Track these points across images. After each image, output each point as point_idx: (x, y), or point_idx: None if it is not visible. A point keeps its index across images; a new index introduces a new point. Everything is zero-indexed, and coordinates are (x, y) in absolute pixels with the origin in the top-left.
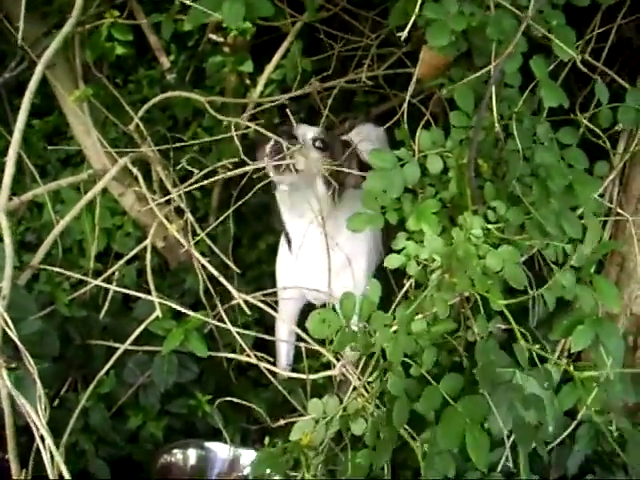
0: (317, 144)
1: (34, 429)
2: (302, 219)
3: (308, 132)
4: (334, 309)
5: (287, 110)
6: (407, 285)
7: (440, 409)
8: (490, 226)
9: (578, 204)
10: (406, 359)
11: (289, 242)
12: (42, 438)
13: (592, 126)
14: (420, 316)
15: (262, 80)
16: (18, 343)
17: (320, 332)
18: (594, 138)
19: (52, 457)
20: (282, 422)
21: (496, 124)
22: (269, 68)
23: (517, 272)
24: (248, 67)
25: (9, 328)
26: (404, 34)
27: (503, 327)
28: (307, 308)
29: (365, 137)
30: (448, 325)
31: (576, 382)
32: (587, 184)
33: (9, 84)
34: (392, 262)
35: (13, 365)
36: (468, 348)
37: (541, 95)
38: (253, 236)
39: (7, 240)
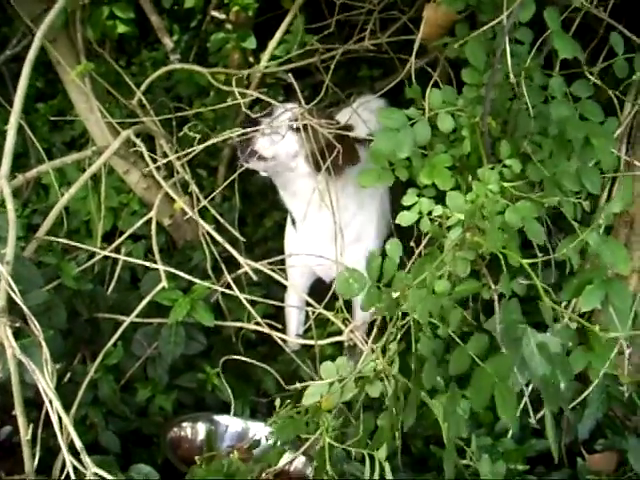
0: (294, 126)
1: (43, 394)
2: (297, 199)
3: (286, 114)
4: None
5: (292, 87)
6: (423, 244)
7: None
8: (506, 184)
9: (595, 159)
10: (432, 320)
11: (293, 220)
12: (51, 403)
13: (599, 82)
14: (439, 274)
15: (265, 56)
16: (24, 308)
17: (347, 291)
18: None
19: (61, 423)
20: (298, 386)
21: (511, 76)
22: (272, 44)
23: (537, 227)
24: (251, 43)
25: (14, 292)
26: None
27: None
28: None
29: (366, 107)
30: (472, 285)
31: (590, 343)
32: (604, 137)
33: (13, 68)
34: (405, 219)
35: (17, 324)
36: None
37: (555, 47)
38: (259, 214)
39: (10, 206)
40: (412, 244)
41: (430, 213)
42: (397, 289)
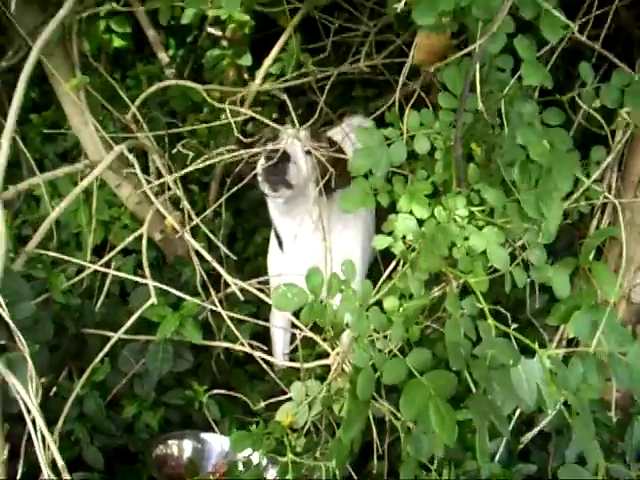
0: (306, 150)
1: (25, 411)
2: (294, 221)
3: (295, 140)
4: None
5: (286, 105)
6: (392, 265)
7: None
8: (473, 208)
9: (558, 184)
10: (376, 334)
11: (280, 241)
12: (34, 422)
13: (592, 110)
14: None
15: (260, 73)
16: (10, 323)
17: (284, 305)
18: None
19: (44, 441)
20: (262, 404)
21: (479, 104)
22: (267, 61)
23: (500, 253)
24: (246, 60)
25: (2, 309)
26: (400, 5)
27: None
28: None
29: (354, 129)
30: (421, 302)
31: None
32: (566, 163)
33: (8, 80)
34: (380, 243)
35: (3, 342)
36: None
37: (522, 74)
38: (250, 231)
39: (0, 219)
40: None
41: (405, 237)
42: (343, 306)
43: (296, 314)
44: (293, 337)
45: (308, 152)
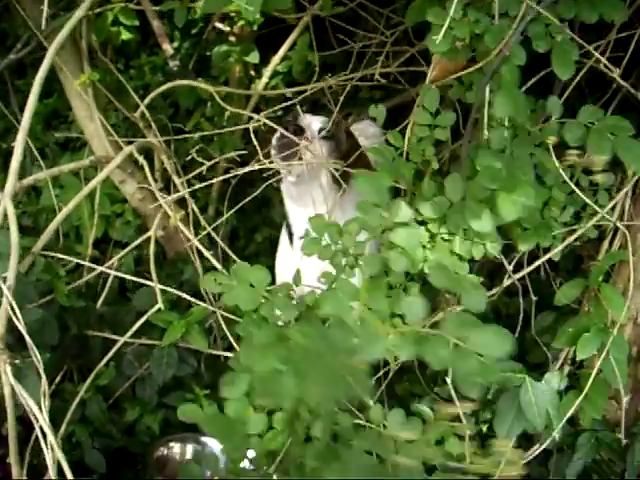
0: (323, 134)
1: (34, 422)
2: (306, 210)
3: (314, 122)
4: None
5: (295, 105)
6: None
7: None
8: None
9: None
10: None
11: (291, 235)
12: (41, 430)
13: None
14: None
15: (267, 72)
16: (24, 333)
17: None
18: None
19: (52, 449)
20: None
21: (485, 132)
22: (275, 60)
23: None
24: (254, 58)
25: (16, 317)
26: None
27: None
28: None
29: (361, 133)
30: None
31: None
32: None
33: (11, 65)
34: None
35: (17, 361)
36: None
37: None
38: (251, 229)
39: (13, 227)
40: None
41: None
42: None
43: None
44: None
45: (324, 138)
